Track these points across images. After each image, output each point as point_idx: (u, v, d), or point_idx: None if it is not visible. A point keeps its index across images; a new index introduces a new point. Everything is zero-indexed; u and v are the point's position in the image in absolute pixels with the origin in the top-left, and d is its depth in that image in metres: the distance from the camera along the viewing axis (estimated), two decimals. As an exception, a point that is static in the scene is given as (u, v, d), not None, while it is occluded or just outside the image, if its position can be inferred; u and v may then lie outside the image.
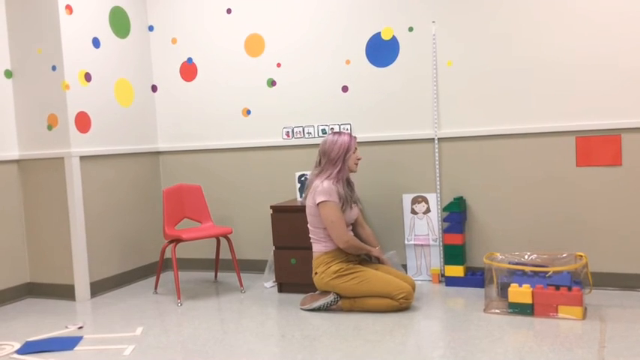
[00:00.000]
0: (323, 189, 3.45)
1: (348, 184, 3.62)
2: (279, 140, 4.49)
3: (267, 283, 4.20)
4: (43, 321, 3.65)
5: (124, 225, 4.52)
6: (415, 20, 4.03)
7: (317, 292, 3.59)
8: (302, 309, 3.57)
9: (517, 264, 3.40)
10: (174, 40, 4.77)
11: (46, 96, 4.09)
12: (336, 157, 3.51)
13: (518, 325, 3.07)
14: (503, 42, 3.83)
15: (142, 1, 4.77)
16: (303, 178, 4.20)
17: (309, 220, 3.59)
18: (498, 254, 3.53)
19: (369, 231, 3.78)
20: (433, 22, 3.99)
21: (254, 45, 4.52)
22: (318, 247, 3.55)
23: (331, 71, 4.29)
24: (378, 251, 3.66)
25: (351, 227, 3.65)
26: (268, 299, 3.89)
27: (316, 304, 3.50)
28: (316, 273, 3.53)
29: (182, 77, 4.78)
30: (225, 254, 4.37)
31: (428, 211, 4.07)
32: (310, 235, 3.61)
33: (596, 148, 3.65)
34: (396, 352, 2.78)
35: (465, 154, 3.98)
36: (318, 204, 3.46)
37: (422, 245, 4.07)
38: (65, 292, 4.14)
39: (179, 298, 3.88)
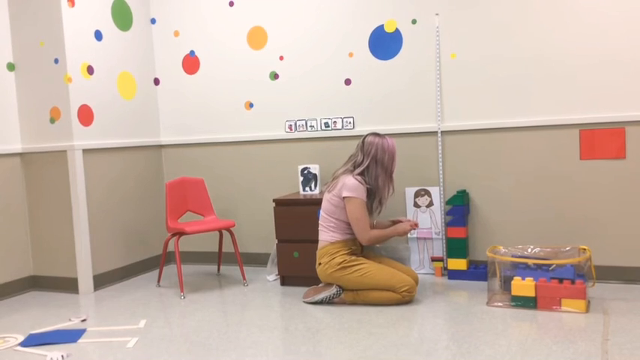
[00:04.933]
0: (352, 184, 3.45)
1: (380, 200, 3.58)
2: (281, 133, 4.49)
3: (270, 276, 4.21)
4: (46, 314, 3.67)
5: (127, 218, 4.52)
6: (418, 13, 4.02)
7: (320, 285, 3.59)
8: (305, 302, 3.57)
9: (520, 257, 3.39)
10: (176, 33, 4.76)
11: (48, 89, 4.09)
12: (385, 161, 3.51)
13: (522, 318, 3.06)
14: (506, 35, 3.81)
15: (144, -7, 4.77)
16: (305, 172, 4.20)
17: (324, 206, 3.57)
18: (501, 247, 3.53)
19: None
20: (437, 14, 3.97)
21: (257, 38, 4.51)
22: (325, 237, 3.55)
23: (334, 64, 4.28)
24: (402, 229, 3.57)
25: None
26: (271, 292, 3.89)
27: (319, 297, 3.50)
28: (320, 264, 3.53)
29: (184, 70, 4.77)
30: (228, 247, 4.37)
31: (431, 204, 4.06)
32: (320, 222, 3.60)
33: (600, 141, 3.63)
34: (399, 345, 2.78)
35: (469, 147, 3.97)
36: (344, 198, 3.46)
37: (425, 238, 4.07)
38: (68, 285, 4.15)
39: (182, 291, 3.88)
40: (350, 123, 4.26)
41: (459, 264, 3.89)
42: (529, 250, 3.47)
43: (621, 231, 3.64)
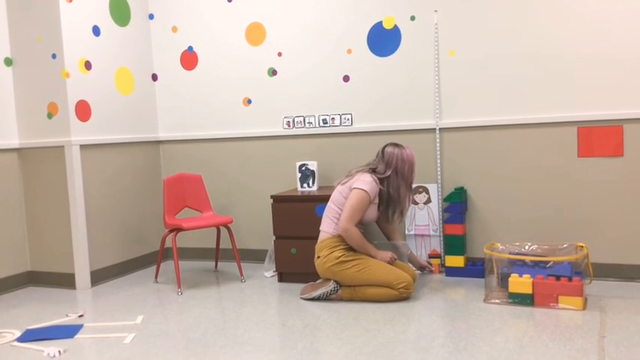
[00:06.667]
0: (367, 180, 3.47)
1: (401, 211, 3.62)
2: (279, 130, 4.48)
3: (268, 272, 4.21)
4: (43, 309, 3.66)
5: (125, 214, 4.52)
6: (417, 9, 4.01)
7: (317, 281, 3.59)
8: (302, 298, 3.57)
9: (517, 254, 3.40)
10: (174, 29, 4.75)
11: (46, 84, 4.07)
12: (405, 172, 3.54)
13: (519, 315, 3.07)
14: (505, 32, 3.81)
15: (143, -11, 4.75)
16: (303, 168, 4.20)
17: (334, 197, 3.58)
18: (499, 244, 3.53)
19: (393, 228, 3.82)
20: (435, 11, 3.97)
21: (255, 34, 4.50)
22: (327, 228, 3.55)
23: (332, 61, 4.27)
24: (383, 256, 3.51)
25: (362, 227, 3.63)
26: (268, 288, 3.89)
27: (316, 293, 3.50)
28: (319, 257, 3.52)
29: (183, 66, 4.76)
30: (225, 244, 4.37)
31: (429, 201, 4.06)
32: (326, 213, 3.60)
33: (598, 138, 3.64)
34: (396, 342, 2.79)
35: (467, 144, 3.97)
36: (353, 188, 3.47)
37: (422, 235, 4.07)
38: (66, 281, 4.14)
39: (179, 287, 3.88)
40: (348, 119, 4.26)
41: (456, 261, 3.89)
42: (526, 247, 3.47)
43: (619, 228, 3.64)
